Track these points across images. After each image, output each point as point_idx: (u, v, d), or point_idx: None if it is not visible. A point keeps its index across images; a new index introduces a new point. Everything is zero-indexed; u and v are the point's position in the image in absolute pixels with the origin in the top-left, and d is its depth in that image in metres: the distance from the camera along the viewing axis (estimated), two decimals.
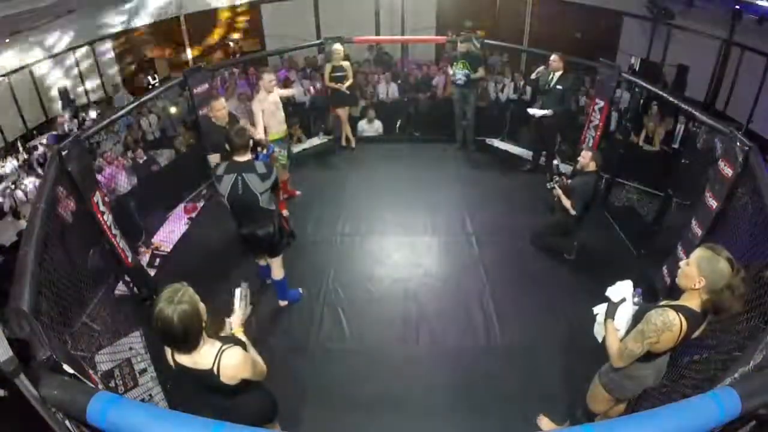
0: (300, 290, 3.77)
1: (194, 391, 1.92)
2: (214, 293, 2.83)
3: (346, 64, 5.74)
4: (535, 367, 3.14)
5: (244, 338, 2.00)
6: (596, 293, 2.19)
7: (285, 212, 4.47)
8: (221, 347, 1.75)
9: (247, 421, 1.91)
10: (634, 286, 2.09)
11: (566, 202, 3.92)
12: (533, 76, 5.33)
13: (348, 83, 5.73)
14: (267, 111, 4.34)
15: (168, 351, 1.78)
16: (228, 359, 1.73)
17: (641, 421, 1.24)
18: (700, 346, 2.59)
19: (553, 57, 5.07)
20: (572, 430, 1.25)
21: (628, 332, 1.98)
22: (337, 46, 5.64)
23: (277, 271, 3.45)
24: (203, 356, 1.72)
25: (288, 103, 5.91)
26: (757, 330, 2.23)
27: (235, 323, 2.06)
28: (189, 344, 1.68)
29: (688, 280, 1.77)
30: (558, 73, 5.05)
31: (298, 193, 5.16)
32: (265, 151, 3.66)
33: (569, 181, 4.02)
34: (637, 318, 1.93)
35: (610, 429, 1.26)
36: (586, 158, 3.95)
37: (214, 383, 1.76)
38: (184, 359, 1.74)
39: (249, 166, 2.90)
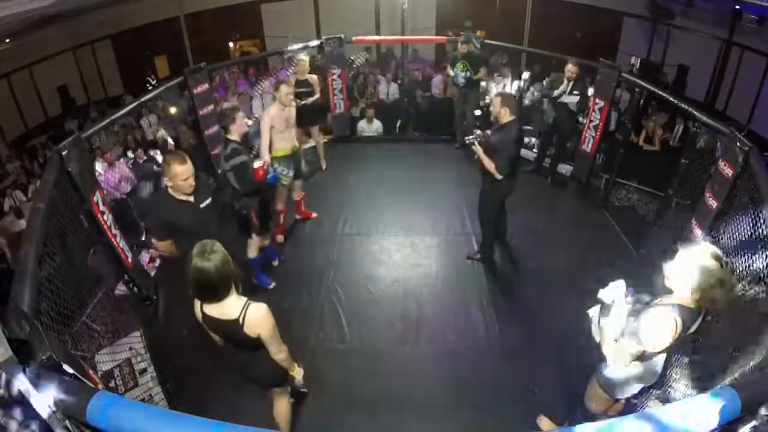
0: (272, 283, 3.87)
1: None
2: None
3: (312, 78, 5.07)
4: (535, 367, 3.14)
5: None
6: (596, 293, 2.19)
7: (280, 238, 4.31)
8: (247, 301, 1.89)
9: (263, 377, 2.20)
10: (634, 287, 2.09)
11: (489, 165, 3.41)
12: (555, 92, 5.00)
13: (312, 99, 5.03)
14: (276, 128, 3.87)
15: (197, 305, 1.91)
16: (253, 312, 1.87)
17: (641, 421, 1.25)
18: (700, 347, 2.59)
19: (570, 67, 4.82)
20: (572, 430, 1.25)
21: (623, 333, 1.97)
22: (302, 57, 5.06)
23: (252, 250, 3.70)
24: (230, 307, 1.86)
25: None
26: (757, 330, 2.23)
27: None
28: (222, 291, 1.81)
29: (678, 283, 1.78)
30: (572, 81, 4.90)
31: (314, 215, 4.71)
32: (273, 172, 3.41)
33: (491, 136, 3.44)
34: (632, 318, 1.93)
35: (610, 429, 1.26)
36: (495, 106, 3.38)
37: (237, 334, 1.89)
38: (212, 310, 1.87)
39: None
